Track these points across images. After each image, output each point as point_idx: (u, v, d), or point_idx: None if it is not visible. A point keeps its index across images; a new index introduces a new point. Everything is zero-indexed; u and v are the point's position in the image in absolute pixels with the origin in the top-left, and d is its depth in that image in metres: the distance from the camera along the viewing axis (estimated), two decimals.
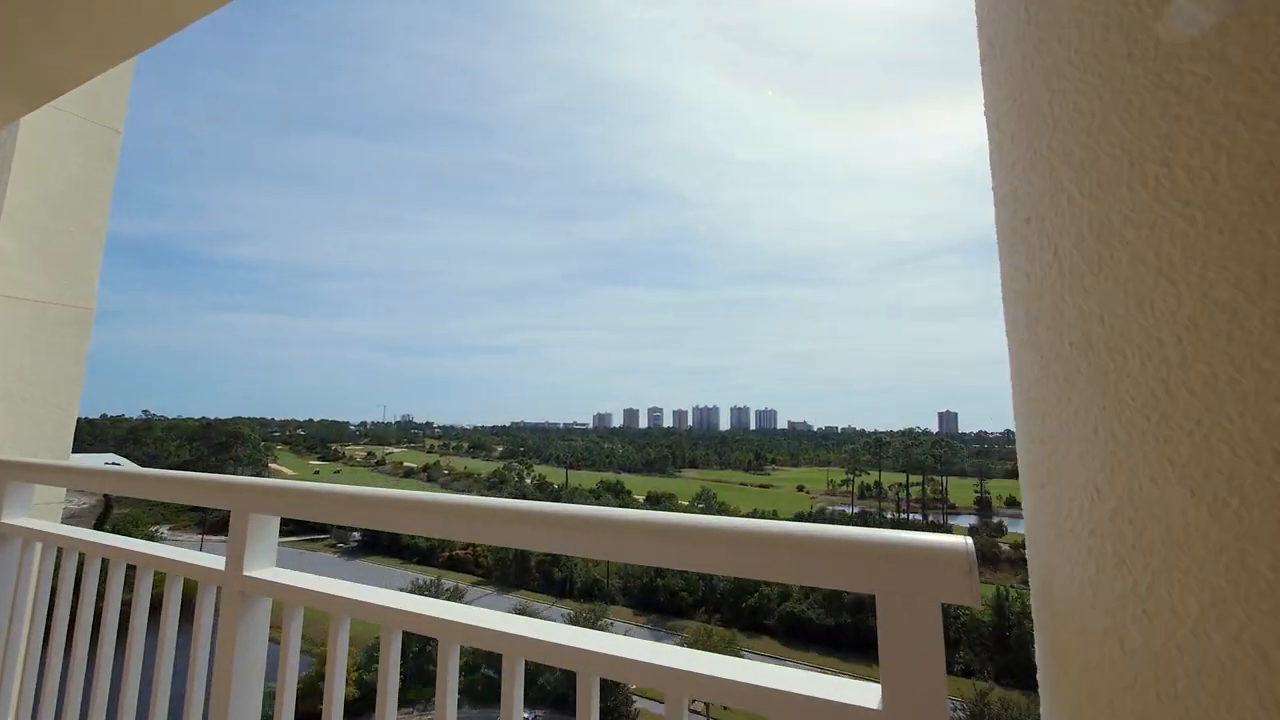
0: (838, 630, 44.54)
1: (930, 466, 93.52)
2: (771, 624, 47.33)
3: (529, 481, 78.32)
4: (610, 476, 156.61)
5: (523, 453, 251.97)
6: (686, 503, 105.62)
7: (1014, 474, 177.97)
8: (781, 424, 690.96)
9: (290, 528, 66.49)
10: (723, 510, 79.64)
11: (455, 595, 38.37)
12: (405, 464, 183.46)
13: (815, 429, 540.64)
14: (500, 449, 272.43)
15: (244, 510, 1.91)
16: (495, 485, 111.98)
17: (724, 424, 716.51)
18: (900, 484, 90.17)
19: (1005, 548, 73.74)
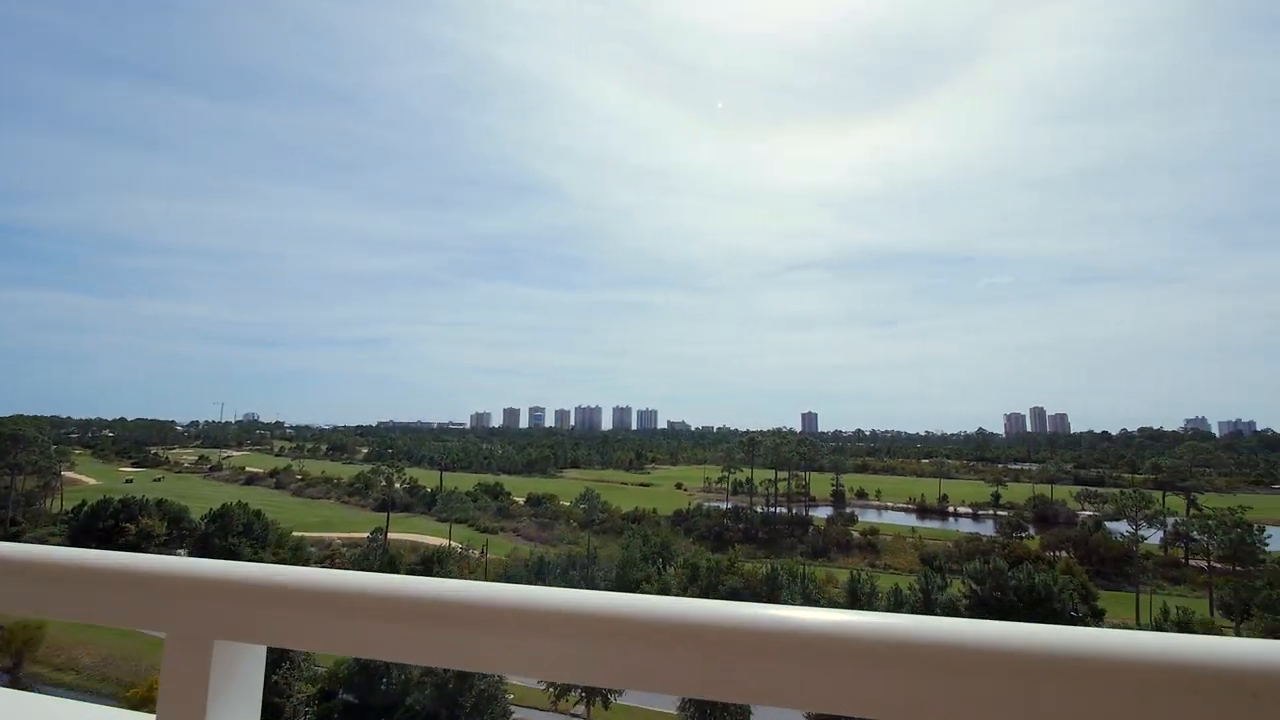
0: None
1: (796, 463, 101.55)
2: None
3: (399, 485, 72.78)
4: (489, 478, 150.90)
5: (391, 454, 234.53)
6: (569, 503, 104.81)
7: (864, 469, 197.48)
8: (661, 424, 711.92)
9: None
10: (605, 509, 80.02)
11: None
12: (248, 469, 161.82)
13: (693, 428, 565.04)
14: (365, 450, 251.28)
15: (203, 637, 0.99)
16: (360, 490, 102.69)
17: (606, 424, 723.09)
18: (770, 480, 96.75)
19: (856, 535, 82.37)
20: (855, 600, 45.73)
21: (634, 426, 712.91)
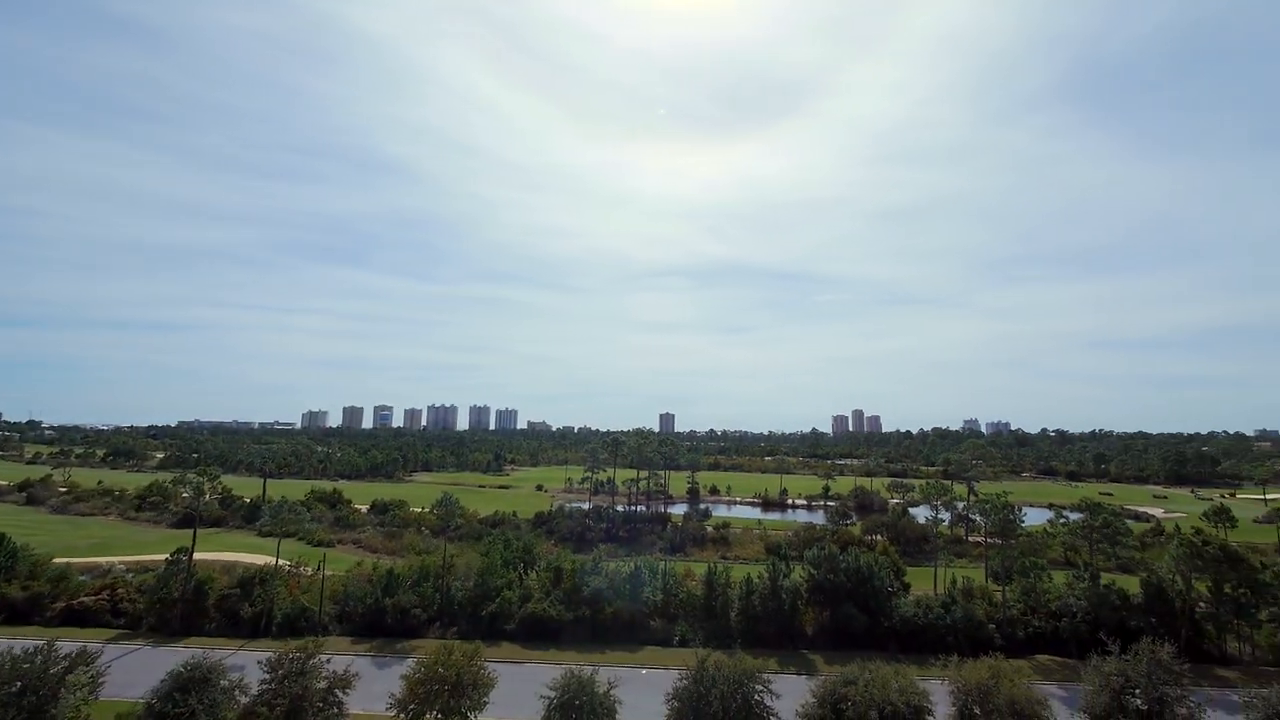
0: (576, 623, 46.08)
1: (657, 462, 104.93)
2: (512, 628, 46.45)
3: (209, 496, 61.75)
4: (324, 485, 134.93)
5: (198, 459, 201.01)
6: (421, 509, 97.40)
7: (716, 466, 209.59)
8: (522, 424, 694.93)
9: None
10: (462, 514, 75.64)
11: (80, 661, 27.45)
12: None
13: (555, 429, 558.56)
14: (162, 456, 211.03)
15: None
16: (156, 504, 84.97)
17: (463, 423, 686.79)
18: (633, 479, 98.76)
19: (710, 529, 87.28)
20: (711, 590, 48.21)
21: (492, 427, 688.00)
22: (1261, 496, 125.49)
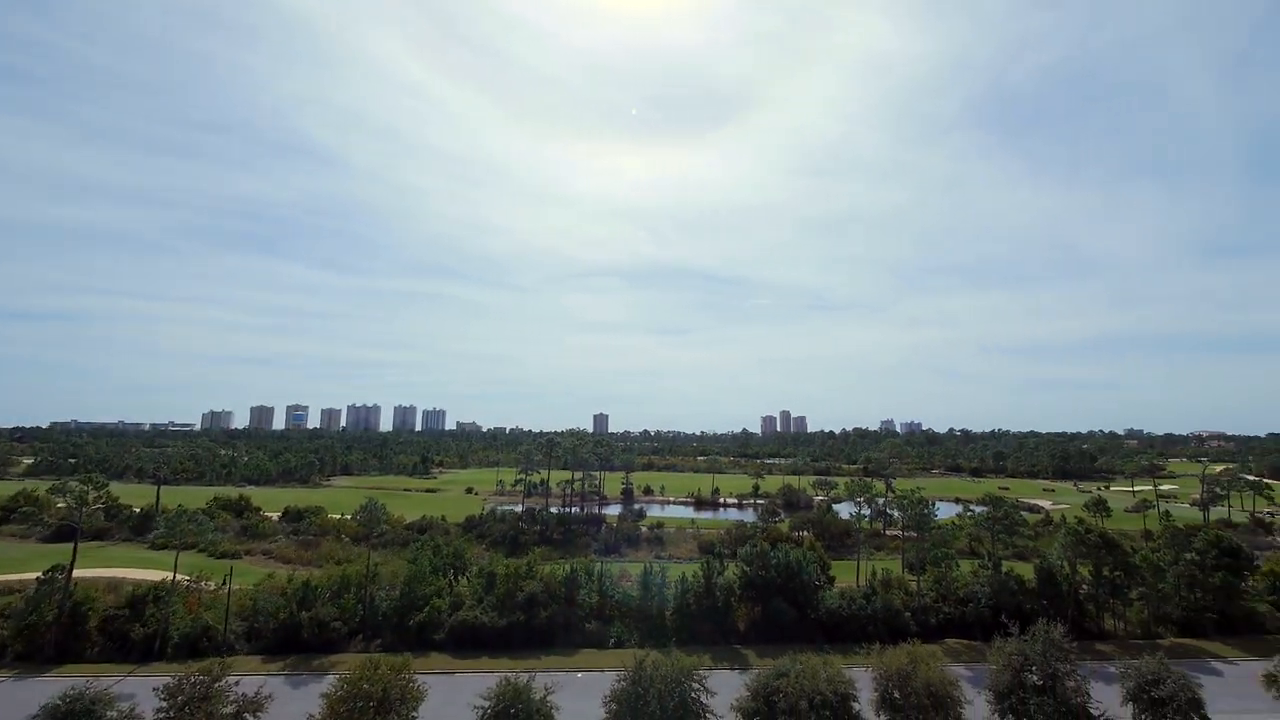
0: (510, 630, 44.91)
1: (592, 463, 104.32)
2: (442, 637, 44.64)
3: (92, 506, 55.11)
4: (229, 491, 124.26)
5: (76, 464, 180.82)
6: (340, 515, 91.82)
7: (650, 466, 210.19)
8: (450, 425, 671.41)
9: None
10: (387, 519, 71.94)
11: None
12: None
13: (485, 430, 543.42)
14: (31, 461, 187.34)
15: None
16: (27, 515, 74.86)
17: (386, 424, 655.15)
18: (568, 480, 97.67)
19: (644, 529, 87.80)
20: (648, 590, 48.45)
21: (419, 427, 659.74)
22: (1130, 489, 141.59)
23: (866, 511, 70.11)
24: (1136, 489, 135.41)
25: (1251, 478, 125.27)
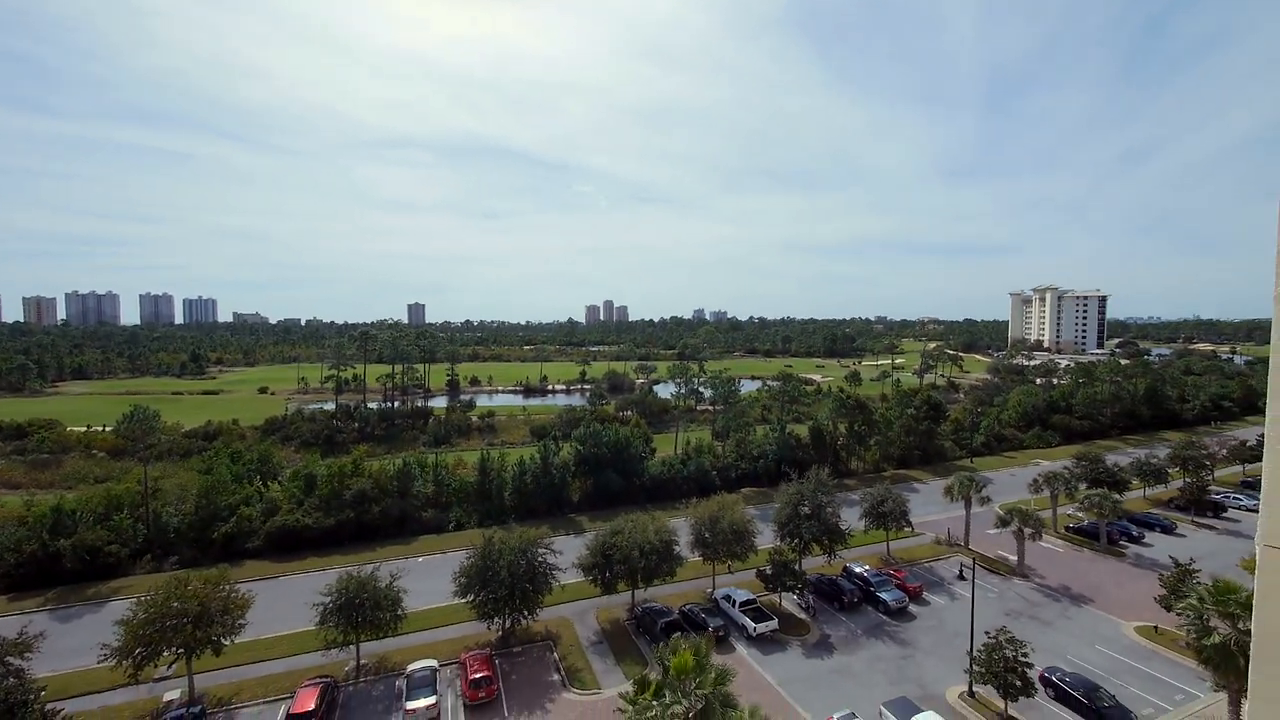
0: (338, 528, 43.14)
1: (414, 356, 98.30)
2: (257, 545, 41.27)
3: None
4: None
5: None
6: (86, 428, 75.21)
7: (475, 357, 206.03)
8: (224, 317, 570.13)
9: None
10: (161, 428, 60.97)
11: None
12: None
13: (274, 323, 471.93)
14: None
15: None
16: None
17: (130, 317, 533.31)
18: (387, 374, 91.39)
19: (475, 419, 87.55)
20: (485, 475, 49.64)
21: (179, 320, 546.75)
22: (875, 363, 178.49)
23: (683, 390, 78.46)
24: (879, 363, 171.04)
25: (951, 352, 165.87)
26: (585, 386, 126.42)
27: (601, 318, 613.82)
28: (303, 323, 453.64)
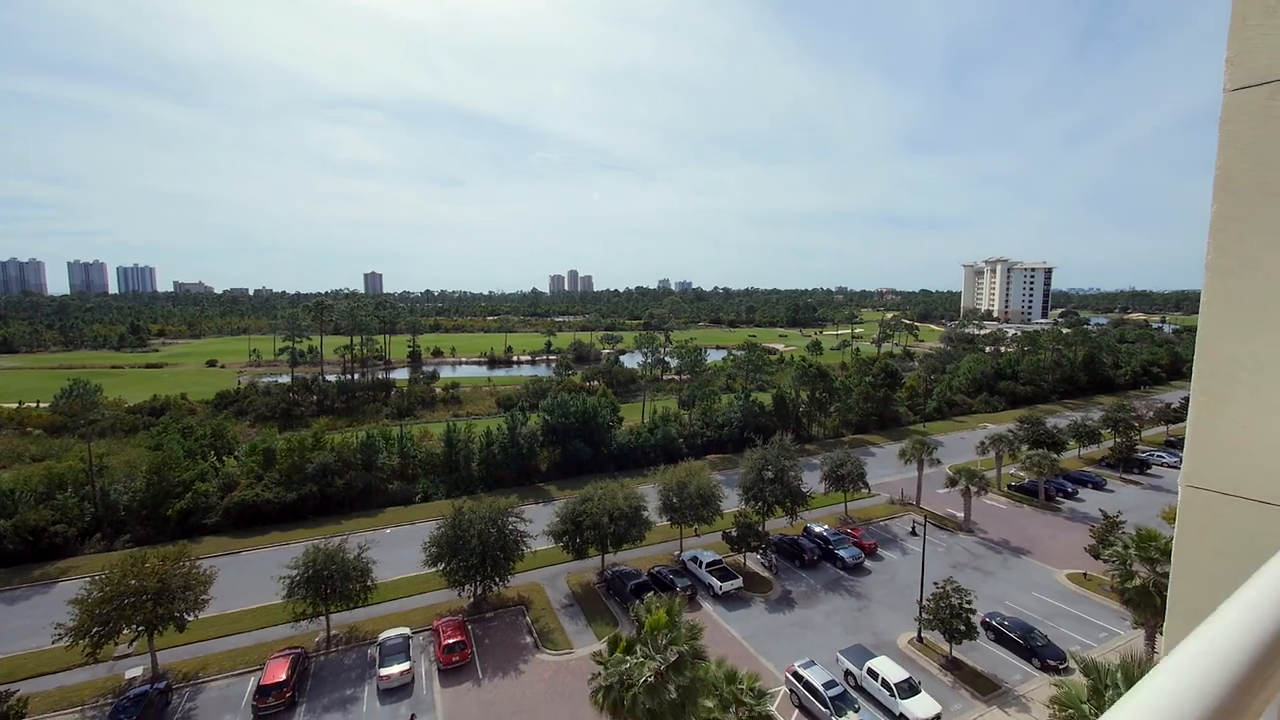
0: (301, 502, 42.37)
1: (373, 326, 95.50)
2: (215, 521, 40.22)
3: None
4: None
5: None
6: (19, 404, 70.85)
7: (437, 328, 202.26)
8: (164, 286, 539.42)
9: None
10: (103, 405, 58.00)
11: None
12: None
13: (219, 293, 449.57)
14: None
15: None
16: None
17: (58, 286, 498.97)
18: (345, 346, 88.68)
19: (439, 390, 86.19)
20: (452, 446, 49.30)
21: (114, 290, 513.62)
22: (836, 332, 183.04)
23: (649, 360, 79.02)
24: (840, 333, 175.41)
25: (908, 322, 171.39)
26: (551, 357, 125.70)
27: (566, 288, 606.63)
28: (251, 293, 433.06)
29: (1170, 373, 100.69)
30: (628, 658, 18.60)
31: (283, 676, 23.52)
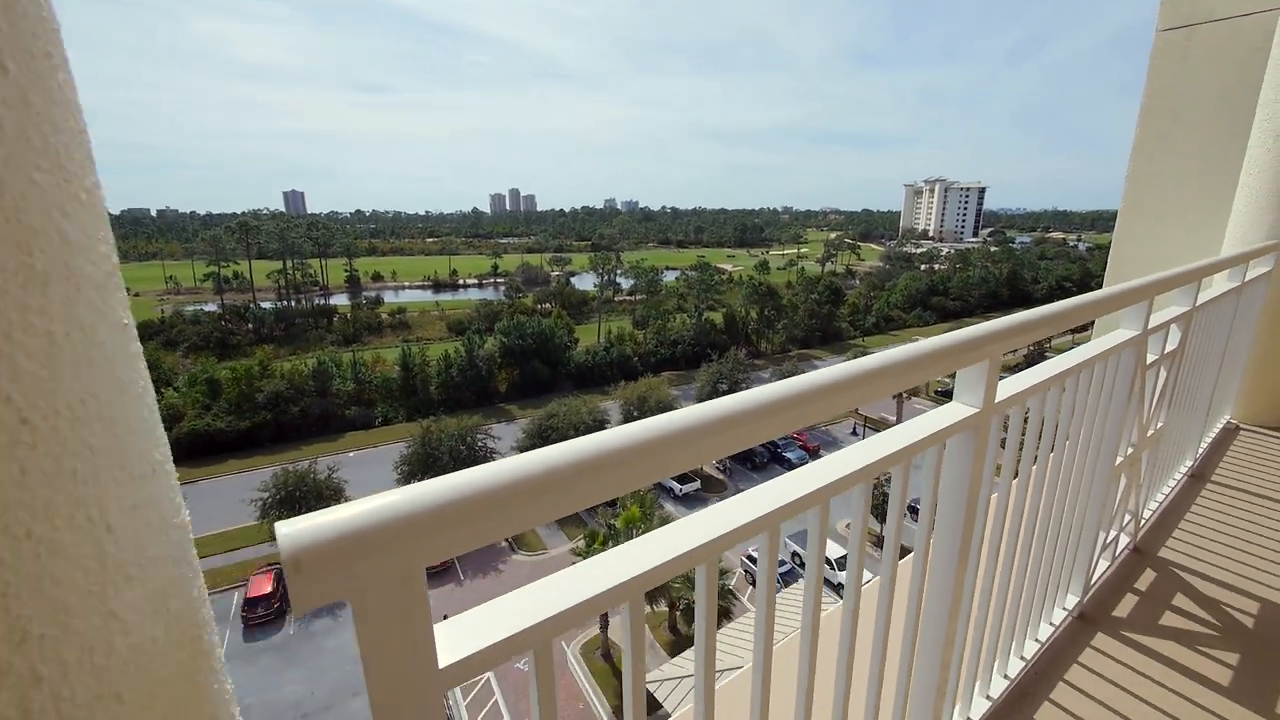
0: (255, 430, 41.72)
1: (308, 250, 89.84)
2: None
3: None
4: None
5: None
6: None
7: (373, 251, 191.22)
8: None
9: None
10: None
11: None
12: None
13: (116, 213, 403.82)
14: None
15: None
16: None
17: None
18: (275, 271, 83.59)
19: (385, 316, 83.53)
20: (409, 371, 48.96)
21: None
22: (783, 252, 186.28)
23: (601, 280, 78.89)
24: (786, 252, 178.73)
25: (850, 242, 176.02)
26: (499, 280, 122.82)
27: (508, 208, 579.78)
28: (154, 213, 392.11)
29: (1081, 287, 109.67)
30: (603, 549, 20.58)
31: (269, 589, 24.50)
